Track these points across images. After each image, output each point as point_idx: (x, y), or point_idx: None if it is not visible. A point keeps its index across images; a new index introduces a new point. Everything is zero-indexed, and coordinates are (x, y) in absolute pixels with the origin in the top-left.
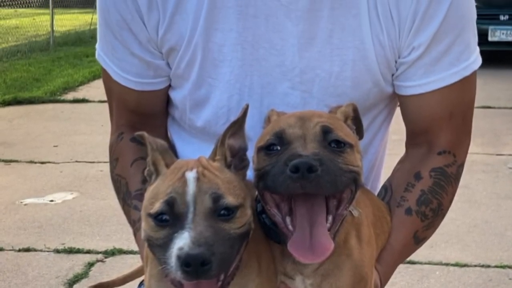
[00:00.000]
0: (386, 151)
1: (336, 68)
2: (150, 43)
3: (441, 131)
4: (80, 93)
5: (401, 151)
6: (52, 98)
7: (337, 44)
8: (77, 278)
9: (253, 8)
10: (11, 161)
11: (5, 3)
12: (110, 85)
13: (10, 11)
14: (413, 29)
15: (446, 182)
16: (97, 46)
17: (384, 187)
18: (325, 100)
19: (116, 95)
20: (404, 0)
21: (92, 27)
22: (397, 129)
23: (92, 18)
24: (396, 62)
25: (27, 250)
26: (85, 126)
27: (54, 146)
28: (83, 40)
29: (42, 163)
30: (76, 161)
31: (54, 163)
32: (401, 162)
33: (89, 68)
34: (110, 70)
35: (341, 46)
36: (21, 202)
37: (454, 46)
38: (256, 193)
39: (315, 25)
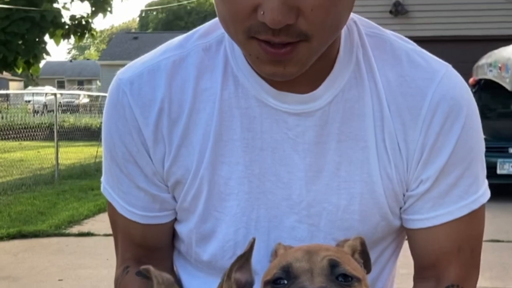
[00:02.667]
0: (394, 285)
1: (343, 201)
2: (156, 176)
3: (449, 265)
4: (85, 226)
5: (409, 285)
6: (57, 232)
7: (345, 177)
8: None
9: (259, 141)
10: None
11: (9, 136)
12: (116, 219)
13: (15, 143)
14: (421, 162)
15: None
16: (102, 179)
17: None
18: (333, 234)
19: (122, 229)
20: (412, 133)
21: (97, 160)
22: (405, 263)
23: (97, 151)
24: (404, 195)
25: None
26: (90, 260)
27: (59, 280)
28: (88, 173)
29: None
30: None
31: None
32: None
33: (94, 202)
34: (115, 204)
35: (348, 179)
36: None
37: (462, 179)
38: None
39: (322, 158)
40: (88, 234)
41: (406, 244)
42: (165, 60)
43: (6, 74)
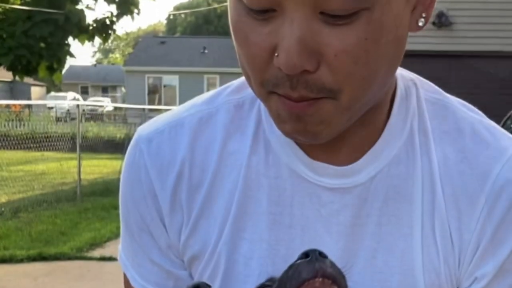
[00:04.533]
0: None
1: None
2: (172, 249)
3: None
4: (108, 250)
5: None
6: (78, 255)
7: (381, 267)
8: None
9: (288, 218)
10: None
11: (31, 146)
12: None
13: (37, 154)
14: (477, 256)
15: None
16: (119, 246)
17: None
18: None
19: None
20: (468, 221)
21: (120, 176)
22: None
23: (121, 166)
24: None
25: None
26: None
27: None
28: (111, 190)
29: None
30: None
31: None
32: None
33: (117, 223)
34: (129, 275)
35: (385, 270)
36: None
37: None
38: None
39: (358, 243)
40: (111, 259)
41: None
42: (190, 117)
43: (28, 79)
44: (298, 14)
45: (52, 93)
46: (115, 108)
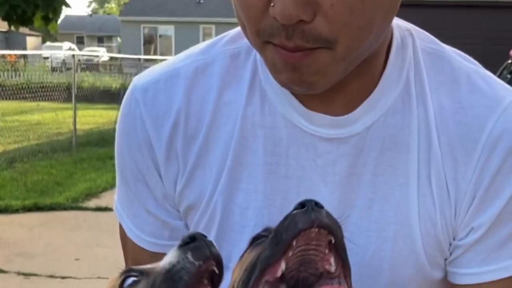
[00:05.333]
0: None
1: (372, 245)
2: (167, 199)
3: None
4: (103, 200)
5: None
6: (74, 205)
7: (377, 217)
8: None
9: (284, 168)
10: (30, 274)
11: (27, 96)
12: (126, 242)
13: (32, 104)
14: (473, 206)
15: None
16: (115, 197)
17: None
18: (357, 281)
19: (131, 254)
20: (464, 171)
21: (116, 126)
22: None
23: (116, 116)
24: (450, 244)
25: None
26: (108, 239)
27: (76, 259)
28: (107, 140)
29: (63, 278)
30: (99, 277)
31: (75, 278)
32: None
33: (112, 173)
34: (125, 226)
35: (381, 220)
36: None
37: None
38: None
39: (353, 193)
40: (106, 209)
41: None
42: (186, 67)
43: (23, 29)
44: None
45: (48, 43)
46: (111, 58)
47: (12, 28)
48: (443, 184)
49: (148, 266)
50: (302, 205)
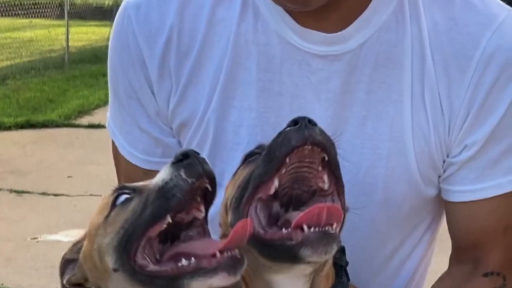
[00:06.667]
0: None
1: (366, 162)
2: (160, 117)
3: (492, 248)
4: (96, 117)
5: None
6: (66, 123)
7: (370, 134)
8: None
9: (277, 85)
10: (23, 192)
11: (19, 13)
12: (119, 160)
13: (25, 21)
14: (467, 123)
15: None
16: (108, 114)
17: None
18: (350, 198)
19: (123, 172)
20: (458, 88)
21: (109, 43)
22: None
23: (109, 33)
24: (444, 161)
25: None
26: (101, 155)
27: (68, 176)
28: (99, 57)
29: (56, 195)
30: (91, 195)
31: (68, 195)
32: (440, 280)
33: (105, 90)
34: (117, 143)
35: (374, 137)
36: (33, 239)
37: None
38: None
39: (347, 110)
40: (99, 126)
41: None
42: None
43: None
44: None
45: None
46: None
47: None
48: (437, 102)
49: (141, 183)
50: (295, 122)
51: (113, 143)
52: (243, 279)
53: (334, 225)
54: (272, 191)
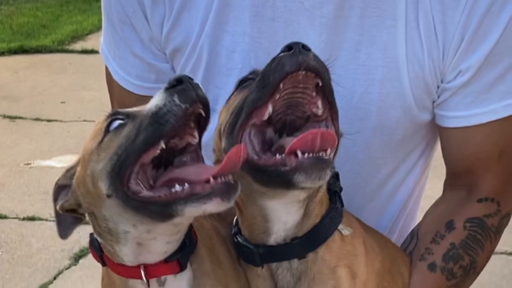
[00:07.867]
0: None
1: (360, 87)
2: (153, 42)
3: (486, 173)
4: (89, 43)
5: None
6: (60, 48)
7: (364, 59)
8: (83, 253)
9: (271, 10)
10: (16, 117)
11: None
12: (112, 85)
13: None
14: (461, 48)
15: (484, 235)
16: (101, 39)
17: (411, 233)
18: (345, 123)
19: (117, 97)
20: (452, 14)
21: None
22: None
23: None
24: (438, 87)
25: (32, 219)
26: (94, 81)
27: (62, 102)
28: None
29: (49, 121)
30: (85, 120)
31: (61, 121)
32: (435, 205)
33: (98, 15)
34: (111, 68)
35: (368, 63)
36: (26, 165)
37: (510, 72)
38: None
39: (340, 35)
40: (92, 52)
41: None
42: None
43: None
44: None
45: None
46: None
47: None
48: (431, 27)
49: (134, 109)
50: (289, 47)
51: (106, 68)
52: (236, 205)
53: (328, 151)
54: (266, 116)
